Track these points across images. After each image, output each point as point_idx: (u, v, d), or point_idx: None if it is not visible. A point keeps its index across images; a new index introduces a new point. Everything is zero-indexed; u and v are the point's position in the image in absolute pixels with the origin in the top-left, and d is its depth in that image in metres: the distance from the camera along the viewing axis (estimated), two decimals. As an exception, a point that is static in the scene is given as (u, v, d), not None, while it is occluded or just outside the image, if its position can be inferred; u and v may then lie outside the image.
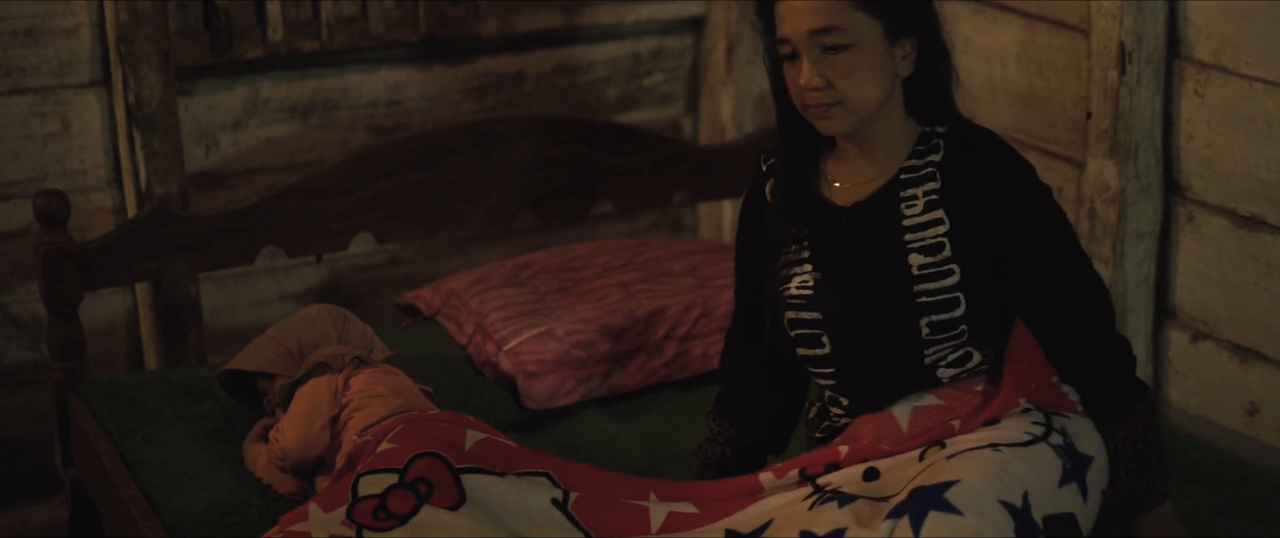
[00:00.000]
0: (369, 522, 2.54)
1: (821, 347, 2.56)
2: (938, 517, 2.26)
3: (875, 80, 2.44)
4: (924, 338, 2.48)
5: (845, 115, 2.45)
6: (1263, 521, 2.75)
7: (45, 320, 3.31)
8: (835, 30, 2.41)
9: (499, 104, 3.99)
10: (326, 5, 3.72)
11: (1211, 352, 3.19)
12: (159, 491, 2.90)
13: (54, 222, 3.24)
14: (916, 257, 2.48)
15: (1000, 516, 2.29)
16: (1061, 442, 2.43)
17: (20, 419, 3.68)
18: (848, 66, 2.42)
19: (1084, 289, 2.51)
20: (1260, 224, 3.06)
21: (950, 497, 2.28)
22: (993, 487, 2.31)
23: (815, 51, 2.43)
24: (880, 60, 2.44)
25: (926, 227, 2.49)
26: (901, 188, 2.51)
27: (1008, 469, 2.34)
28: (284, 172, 3.79)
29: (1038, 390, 2.50)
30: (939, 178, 2.49)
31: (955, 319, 2.47)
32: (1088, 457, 2.45)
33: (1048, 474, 2.38)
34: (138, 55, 3.53)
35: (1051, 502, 2.36)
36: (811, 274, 2.55)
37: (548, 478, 2.60)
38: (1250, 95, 3.02)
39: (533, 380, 3.23)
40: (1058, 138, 3.47)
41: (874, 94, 2.45)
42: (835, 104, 2.44)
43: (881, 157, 2.53)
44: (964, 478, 2.31)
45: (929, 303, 2.47)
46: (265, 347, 2.97)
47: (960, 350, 2.50)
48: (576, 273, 3.50)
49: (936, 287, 2.47)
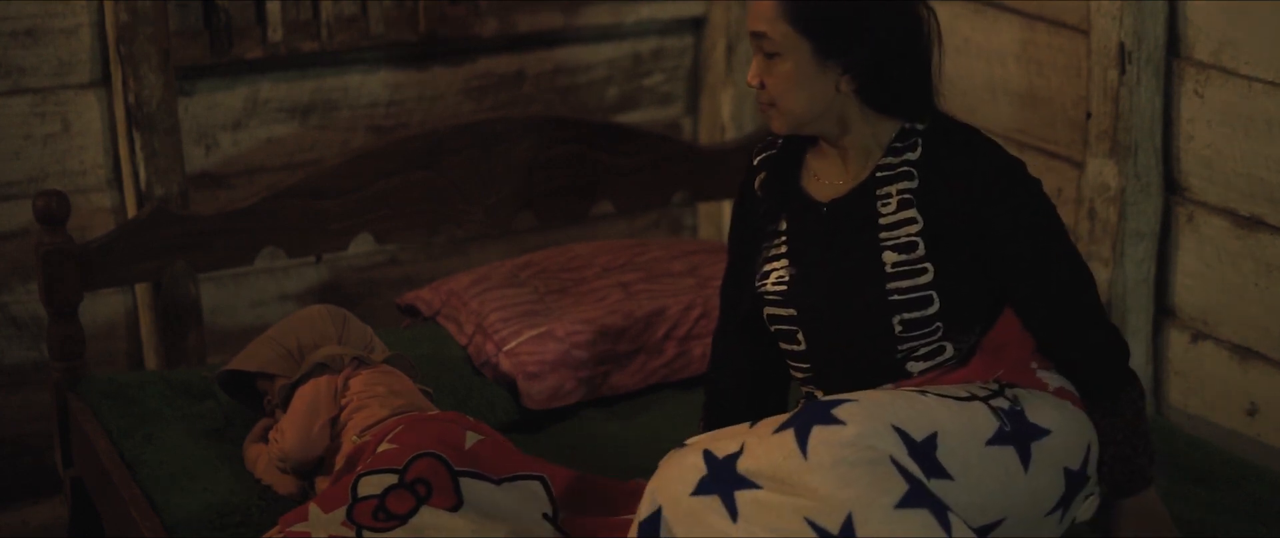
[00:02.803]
0: (368, 522, 2.54)
1: (797, 343, 2.58)
2: (820, 430, 2.26)
3: (803, 93, 2.46)
4: (897, 335, 2.49)
5: (781, 118, 2.50)
6: (1263, 521, 2.75)
7: (45, 320, 3.31)
8: (767, 38, 2.45)
9: (499, 104, 3.99)
10: (326, 5, 3.72)
11: (1211, 352, 3.19)
12: (159, 491, 2.90)
13: (54, 222, 3.24)
14: (890, 254, 2.48)
15: (889, 436, 2.27)
16: (1006, 406, 2.41)
17: (20, 419, 3.69)
18: (778, 74, 2.46)
19: (1074, 282, 2.51)
20: (1260, 224, 3.06)
21: (837, 412, 2.28)
22: (888, 412, 2.30)
23: (759, 53, 2.47)
24: (808, 76, 2.45)
25: (900, 225, 2.49)
26: (878, 186, 2.52)
27: (922, 408, 2.34)
28: (284, 172, 3.79)
29: (1007, 373, 2.50)
30: (916, 176, 2.50)
31: (929, 317, 2.48)
32: (1040, 429, 2.42)
33: (972, 428, 2.36)
34: (138, 55, 3.53)
35: (971, 456, 2.34)
36: (788, 269, 2.57)
37: (542, 484, 2.60)
38: (1250, 95, 3.02)
39: (533, 381, 3.23)
40: (1058, 138, 3.47)
41: (802, 106, 2.47)
42: (772, 105, 2.49)
43: (856, 155, 2.54)
44: (860, 398, 2.31)
45: (901, 301, 2.48)
46: (265, 347, 2.97)
47: (933, 345, 2.51)
48: (576, 273, 3.50)
49: (909, 285, 2.47)
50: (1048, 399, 2.47)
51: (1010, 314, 2.52)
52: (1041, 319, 2.51)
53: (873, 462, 2.25)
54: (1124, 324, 3.25)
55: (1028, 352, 2.52)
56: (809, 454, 2.25)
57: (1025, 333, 2.52)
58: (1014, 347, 2.51)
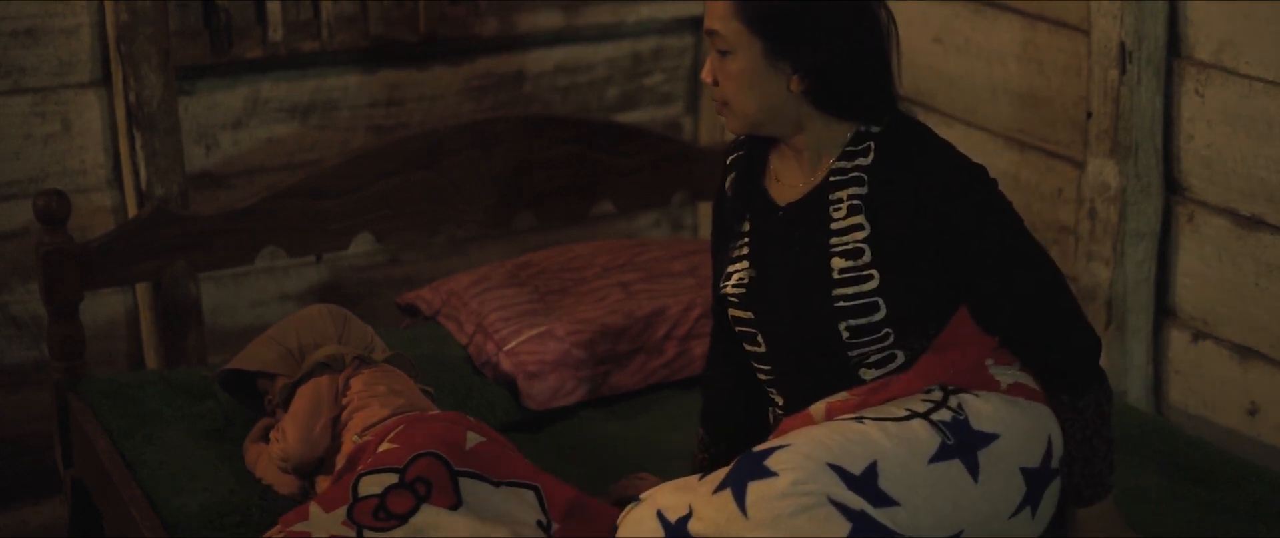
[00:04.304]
0: (369, 522, 2.54)
1: (758, 345, 2.58)
2: (755, 486, 2.26)
3: (753, 92, 2.46)
4: (845, 341, 2.48)
5: (733, 117, 2.51)
6: (1263, 521, 2.75)
7: (45, 320, 3.31)
8: (720, 36, 2.45)
9: (499, 104, 3.99)
10: (326, 5, 3.72)
11: (1211, 352, 3.19)
12: (159, 491, 2.90)
13: (54, 222, 3.24)
14: (838, 260, 2.48)
15: (824, 475, 2.27)
16: (949, 418, 2.40)
17: (20, 419, 3.69)
18: (729, 73, 2.46)
19: (1036, 279, 2.48)
20: (1260, 224, 3.06)
21: (769, 462, 2.28)
22: (822, 451, 2.29)
23: (713, 51, 2.48)
24: (758, 75, 2.45)
25: (849, 231, 2.48)
26: (830, 190, 2.51)
27: (860, 438, 2.33)
28: (284, 172, 3.79)
29: (958, 374, 2.47)
30: (866, 182, 2.48)
31: (875, 324, 2.46)
32: (987, 435, 2.40)
33: (912, 449, 2.34)
34: (138, 55, 3.53)
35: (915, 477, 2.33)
36: (748, 272, 2.56)
37: (536, 494, 2.61)
38: (1250, 95, 3.02)
39: (533, 381, 3.23)
40: (1058, 138, 3.47)
41: (752, 105, 2.47)
42: (725, 105, 2.50)
43: (809, 159, 2.53)
44: (793, 443, 2.31)
45: (847, 307, 2.46)
46: (265, 347, 2.97)
47: (884, 352, 2.49)
48: (576, 273, 3.50)
49: (854, 291, 2.46)
50: (997, 400, 2.45)
51: (963, 314, 2.49)
52: (1008, 317, 2.48)
53: (811, 508, 2.25)
54: (1124, 324, 3.25)
55: (986, 350, 2.49)
56: (748, 513, 2.26)
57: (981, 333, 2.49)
58: (969, 346, 2.48)
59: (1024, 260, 2.48)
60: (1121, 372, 3.26)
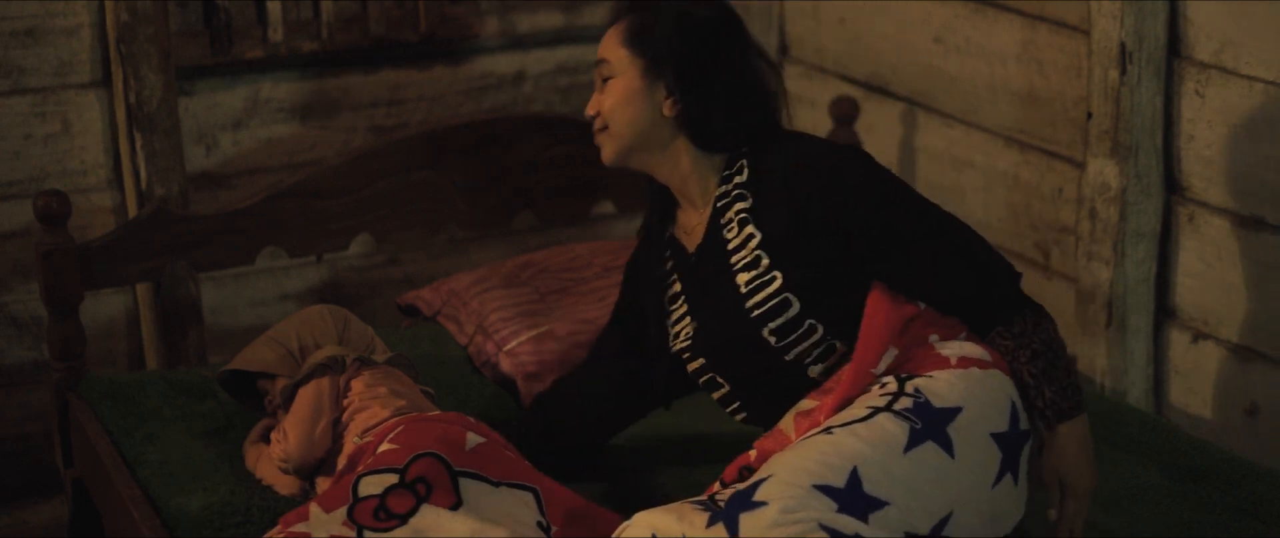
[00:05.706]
0: (369, 522, 2.54)
1: (722, 387, 2.67)
2: (747, 517, 2.29)
3: (628, 110, 2.62)
4: (775, 347, 2.56)
5: (609, 141, 2.66)
6: (1263, 521, 2.75)
7: (45, 320, 3.31)
8: (607, 63, 2.65)
9: (499, 104, 3.99)
10: (326, 5, 3.72)
11: (1211, 352, 3.19)
12: (159, 490, 2.89)
13: (54, 222, 3.24)
14: (742, 275, 2.58)
15: (811, 499, 2.29)
16: (909, 405, 2.42)
17: (20, 419, 3.69)
18: (611, 92, 2.64)
19: (937, 240, 2.53)
20: (1260, 224, 3.06)
21: (757, 496, 2.31)
22: (803, 474, 2.32)
23: (599, 82, 2.67)
24: (636, 92, 2.62)
25: (744, 244, 2.59)
26: (720, 216, 2.63)
27: (835, 450, 2.35)
28: (284, 172, 3.79)
29: (902, 358, 2.50)
30: (748, 196, 2.60)
31: (794, 319, 2.54)
32: (949, 409, 2.42)
33: (886, 445, 2.37)
34: (138, 55, 3.53)
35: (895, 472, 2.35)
36: (689, 325, 2.68)
37: (534, 496, 2.63)
38: (1250, 95, 3.02)
39: (533, 381, 3.23)
40: (1058, 138, 3.47)
41: (628, 119, 2.63)
42: (603, 130, 2.67)
43: (699, 196, 2.67)
44: (775, 472, 2.34)
45: (762, 313, 2.55)
46: (266, 347, 2.97)
47: (821, 346, 2.56)
48: (577, 273, 3.50)
49: (764, 296, 2.56)
50: (951, 376, 2.47)
51: (872, 300, 2.53)
52: (920, 276, 2.53)
53: (803, 536, 2.27)
54: (1124, 324, 3.25)
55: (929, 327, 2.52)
56: None
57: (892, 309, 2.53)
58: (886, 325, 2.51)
59: (920, 226, 2.54)
60: (1122, 372, 3.27)
